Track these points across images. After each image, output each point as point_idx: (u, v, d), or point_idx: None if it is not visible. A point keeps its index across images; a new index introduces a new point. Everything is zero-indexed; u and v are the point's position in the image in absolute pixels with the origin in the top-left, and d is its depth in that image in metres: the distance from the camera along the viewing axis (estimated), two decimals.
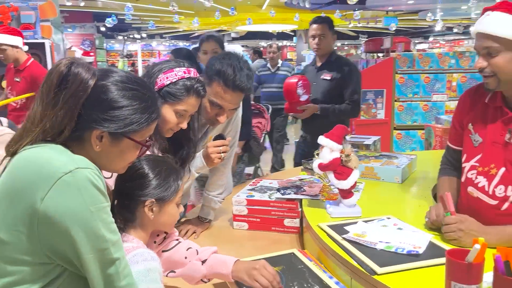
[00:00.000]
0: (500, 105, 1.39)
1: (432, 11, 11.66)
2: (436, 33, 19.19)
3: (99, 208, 0.88)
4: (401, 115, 5.17)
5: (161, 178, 1.17)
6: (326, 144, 1.51)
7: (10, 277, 0.86)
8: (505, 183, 1.34)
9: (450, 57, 5.17)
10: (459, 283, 0.93)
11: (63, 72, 0.91)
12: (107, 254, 0.88)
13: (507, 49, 1.27)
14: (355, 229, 1.39)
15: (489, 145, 1.40)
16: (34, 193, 0.83)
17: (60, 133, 0.91)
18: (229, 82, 1.55)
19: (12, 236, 0.85)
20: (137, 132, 0.99)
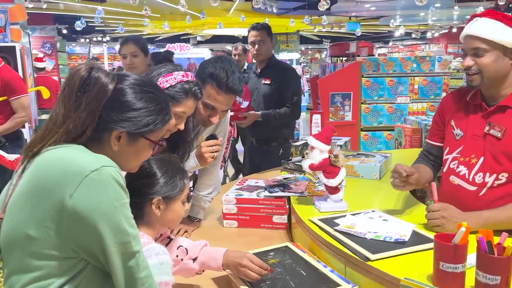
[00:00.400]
0: (480, 103, 1.56)
1: (393, 17, 12.17)
2: (395, 38, 19.97)
3: (122, 204, 0.93)
4: (368, 117, 5.39)
5: (168, 177, 1.23)
6: (316, 145, 1.61)
7: (37, 271, 0.90)
8: (483, 170, 1.50)
9: (412, 61, 5.44)
10: (446, 263, 1.05)
11: (84, 76, 0.96)
12: (128, 247, 0.94)
13: (492, 50, 1.44)
14: (344, 222, 1.50)
15: (469, 138, 1.56)
16: (62, 190, 0.87)
17: (82, 134, 0.96)
18: (222, 85, 1.62)
19: (41, 232, 0.88)
20: (153, 132, 1.05)
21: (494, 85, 1.49)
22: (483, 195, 1.49)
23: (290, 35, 15.95)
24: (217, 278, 1.47)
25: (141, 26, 14.02)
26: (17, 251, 0.90)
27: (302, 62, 16.46)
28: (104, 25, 14.21)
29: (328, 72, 6.80)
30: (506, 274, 0.98)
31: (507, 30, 1.43)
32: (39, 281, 0.90)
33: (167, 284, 1.13)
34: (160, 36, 19.18)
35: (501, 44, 1.43)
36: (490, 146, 1.49)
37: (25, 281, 0.90)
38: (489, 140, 1.50)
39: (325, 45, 20.74)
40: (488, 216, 1.38)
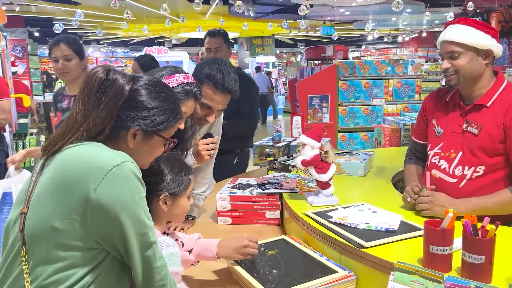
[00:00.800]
0: (458, 102, 1.70)
1: (365, 21, 12.50)
2: (368, 42, 20.46)
3: (141, 197, 0.99)
4: (345, 118, 5.55)
5: (174, 174, 1.30)
6: (308, 142, 1.70)
7: (62, 262, 0.95)
8: (462, 164, 1.63)
9: (386, 64, 5.64)
10: (435, 246, 1.15)
11: (102, 78, 1.02)
12: (146, 237, 1.00)
13: (466, 52, 1.59)
14: (337, 214, 1.59)
15: (449, 135, 1.69)
16: (86, 185, 0.93)
17: (101, 132, 1.01)
18: (219, 85, 1.70)
19: (66, 224, 0.94)
20: (166, 130, 1.11)
21: (470, 84, 1.63)
22: (462, 186, 1.62)
23: (266, 38, 16.14)
24: (218, 271, 1.54)
25: (115, 29, 13.90)
26: (43, 243, 0.95)
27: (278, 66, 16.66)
28: (77, 28, 13.98)
29: (306, 75, 6.95)
30: (489, 253, 1.09)
31: (478, 34, 1.58)
32: (63, 271, 0.95)
33: (177, 274, 1.20)
34: (134, 39, 19.01)
35: (473, 46, 1.58)
36: (468, 142, 1.62)
37: (50, 271, 0.95)
38: (467, 137, 1.63)
39: (299, 48, 21.04)
40: (476, 202, 1.51)
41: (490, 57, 1.59)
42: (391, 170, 2.27)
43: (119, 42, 20.14)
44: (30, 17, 11.68)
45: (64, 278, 0.95)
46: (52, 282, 0.95)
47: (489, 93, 1.61)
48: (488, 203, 1.50)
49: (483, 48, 1.57)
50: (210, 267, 1.54)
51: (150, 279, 1.02)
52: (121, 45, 21.15)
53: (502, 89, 1.60)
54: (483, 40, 1.57)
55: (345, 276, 1.32)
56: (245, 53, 16.49)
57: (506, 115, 1.54)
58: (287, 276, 1.33)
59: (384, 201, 1.78)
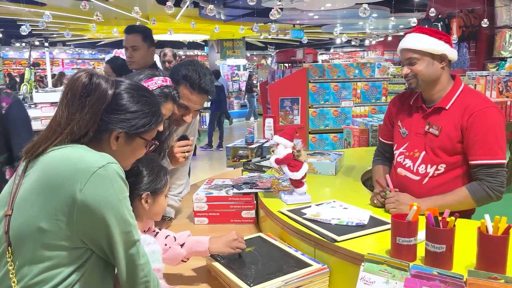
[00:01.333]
0: (421, 105, 1.81)
1: (333, 25, 12.77)
2: (336, 45, 20.86)
3: (125, 197, 1.03)
4: (315, 120, 5.68)
5: (154, 174, 1.34)
6: (281, 142, 1.78)
7: (48, 262, 0.97)
8: (425, 162, 1.75)
9: (354, 67, 5.82)
10: (402, 237, 1.25)
11: (85, 82, 1.05)
12: (130, 236, 1.04)
13: (422, 57, 1.71)
14: (310, 211, 1.67)
15: (413, 136, 1.81)
16: (72, 186, 0.96)
17: (85, 135, 1.05)
18: (195, 85, 1.74)
19: (52, 225, 0.96)
20: (148, 132, 1.16)
21: (429, 87, 1.75)
22: (425, 183, 1.74)
23: (236, 41, 16.20)
24: (196, 268, 1.59)
25: (83, 30, 13.61)
26: (29, 244, 0.97)
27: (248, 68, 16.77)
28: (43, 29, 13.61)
29: (277, 77, 7.06)
30: (449, 242, 1.19)
31: (431, 40, 1.70)
32: (49, 270, 0.98)
33: (159, 270, 1.24)
34: (102, 41, 18.64)
35: (428, 52, 1.70)
36: (429, 142, 1.74)
37: (36, 271, 0.97)
38: (429, 137, 1.75)
39: (270, 51, 21.21)
40: (436, 200, 1.63)
41: (446, 61, 1.72)
42: (361, 169, 2.37)
43: (86, 44, 19.70)
44: None
45: (50, 277, 0.97)
46: (38, 282, 0.97)
47: (447, 96, 1.73)
48: (448, 201, 1.61)
49: (438, 53, 1.70)
50: (188, 266, 1.58)
51: (134, 276, 1.06)
52: (89, 47, 20.69)
53: (459, 92, 1.73)
54: (437, 46, 1.69)
55: (319, 269, 1.39)
56: (216, 56, 16.49)
57: (463, 117, 1.66)
58: (265, 271, 1.39)
59: (354, 198, 1.88)
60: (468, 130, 1.64)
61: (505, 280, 1.05)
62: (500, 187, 1.60)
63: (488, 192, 1.60)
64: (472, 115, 1.64)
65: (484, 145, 1.60)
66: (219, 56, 16.13)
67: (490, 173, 1.60)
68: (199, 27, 12.19)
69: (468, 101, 1.67)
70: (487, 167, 1.61)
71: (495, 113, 1.64)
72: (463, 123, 1.65)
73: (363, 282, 1.22)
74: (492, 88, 5.70)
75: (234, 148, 3.19)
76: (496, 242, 1.13)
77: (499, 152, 1.60)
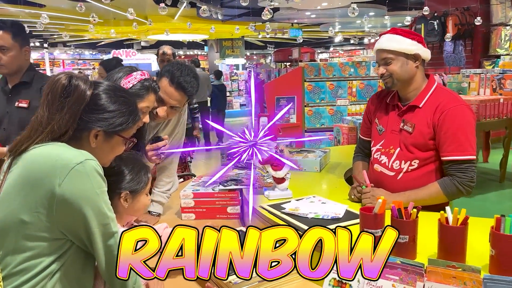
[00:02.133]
0: (396, 103, 1.88)
1: (332, 24, 12.82)
2: (335, 43, 20.91)
3: (103, 191, 1.10)
4: (311, 118, 5.75)
5: (134, 174, 1.40)
6: None
7: (30, 251, 1.04)
8: (400, 159, 1.81)
9: (349, 66, 5.88)
10: (369, 228, 1.31)
11: (65, 84, 1.12)
12: (108, 228, 1.11)
13: (397, 57, 1.77)
14: (290, 206, 1.74)
15: (389, 133, 1.88)
16: (52, 181, 1.03)
17: (64, 133, 1.11)
18: (174, 79, 1.80)
19: (33, 217, 1.03)
20: (125, 130, 1.22)
21: (404, 86, 1.82)
22: (400, 178, 1.80)
23: (235, 40, 16.28)
24: None
25: (82, 31, 13.70)
26: (12, 235, 1.04)
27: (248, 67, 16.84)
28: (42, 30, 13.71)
29: (273, 77, 7.13)
30: (412, 233, 1.26)
31: (405, 41, 1.77)
32: (31, 260, 1.05)
33: None
34: (102, 41, 18.75)
35: (402, 52, 1.77)
36: (404, 139, 1.81)
37: (19, 260, 1.04)
38: (403, 134, 1.81)
39: (269, 50, 21.27)
40: (409, 195, 1.69)
41: (419, 60, 1.78)
42: (345, 166, 2.44)
43: (86, 44, 19.82)
44: None
45: (32, 266, 1.04)
46: (21, 270, 1.04)
47: (421, 94, 1.80)
48: (420, 195, 1.68)
49: (411, 52, 1.76)
50: None
51: (113, 266, 1.13)
52: (89, 47, 20.80)
53: (432, 91, 1.79)
54: (410, 46, 1.76)
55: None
56: (215, 55, 16.57)
57: (435, 115, 1.73)
58: None
59: (335, 193, 1.94)
60: (439, 127, 1.70)
61: (462, 268, 1.11)
62: (470, 182, 1.66)
63: (458, 187, 1.66)
64: (443, 113, 1.70)
65: (454, 142, 1.67)
66: (218, 56, 16.20)
67: (460, 169, 1.67)
68: (198, 27, 12.28)
69: (440, 99, 1.74)
70: (457, 163, 1.67)
71: (465, 111, 1.70)
72: (435, 121, 1.72)
73: (332, 271, 1.29)
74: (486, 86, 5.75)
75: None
76: (454, 232, 1.20)
77: (468, 148, 1.67)
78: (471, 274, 1.08)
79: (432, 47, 7.94)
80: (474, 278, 1.07)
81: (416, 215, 1.26)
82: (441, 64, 8.02)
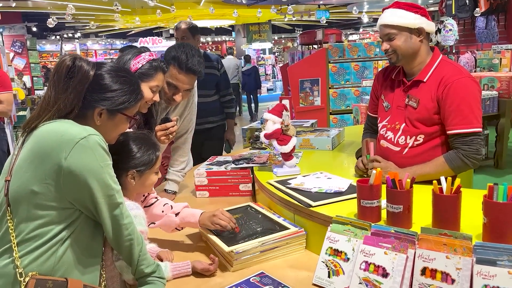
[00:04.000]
0: (402, 78, 1.87)
1: (359, 4, 12.51)
2: (365, 24, 20.38)
3: (106, 164, 1.18)
4: (336, 100, 5.69)
5: (141, 153, 1.46)
6: (269, 118, 1.88)
7: (41, 219, 1.14)
8: (405, 134, 1.81)
9: (375, 46, 5.75)
10: (365, 199, 1.34)
11: (69, 65, 1.19)
12: (113, 199, 1.18)
13: (400, 32, 1.75)
14: (295, 181, 1.78)
15: (395, 109, 1.87)
16: (58, 154, 1.11)
17: (70, 111, 1.20)
18: (183, 65, 1.86)
19: (43, 188, 1.12)
20: (128, 108, 1.29)
21: (409, 61, 1.79)
22: (405, 153, 1.80)
23: (262, 25, 16.18)
24: (190, 234, 1.74)
25: (112, 21, 14.00)
26: (24, 204, 1.14)
27: (276, 51, 16.72)
28: (74, 21, 14.11)
29: (297, 59, 7.08)
30: (407, 203, 1.28)
31: (408, 15, 1.74)
32: (42, 227, 1.14)
33: (142, 232, 1.38)
34: (132, 31, 19.10)
35: (405, 26, 1.74)
36: (409, 114, 1.80)
37: (31, 227, 1.14)
38: (409, 110, 1.80)
39: (297, 33, 21.02)
40: (416, 169, 1.69)
41: (423, 34, 1.75)
42: (358, 145, 2.44)
43: (117, 34, 20.25)
44: (27, 13, 11.81)
45: (44, 233, 1.14)
46: (33, 236, 1.14)
47: (426, 69, 1.78)
48: (427, 170, 1.68)
49: (415, 27, 1.73)
50: (184, 232, 1.73)
51: (119, 235, 1.21)
52: (120, 37, 21.25)
53: (436, 64, 1.77)
54: (414, 20, 1.73)
55: (295, 232, 1.51)
56: (243, 40, 16.56)
57: (439, 89, 1.71)
58: (245, 234, 1.52)
59: (343, 170, 1.97)
60: (443, 101, 1.68)
61: (454, 236, 1.13)
62: (476, 155, 1.65)
63: (464, 159, 1.65)
64: (446, 86, 1.68)
65: (459, 115, 1.65)
66: (245, 41, 16.18)
67: (465, 142, 1.65)
68: (224, 12, 12.29)
69: (444, 73, 1.72)
70: (462, 136, 1.66)
71: (469, 83, 1.68)
72: (439, 95, 1.70)
73: (329, 241, 1.33)
74: None
75: (250, 130, 3.28)
76: (447, 201, 1.21)
77: (473, 120, 1.64)
78: (462, 241, 1.10)
79: (463, 23, 7.65)
80: (465, 245, 1.09)
81: (410, 185, 1.28)
82: (473, 41, 7.71)
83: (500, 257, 1.03)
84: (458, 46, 7.97)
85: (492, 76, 4.54)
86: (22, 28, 11.72)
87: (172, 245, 1.66)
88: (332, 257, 1.29)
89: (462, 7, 7.19)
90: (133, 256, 1.23)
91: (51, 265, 1.14)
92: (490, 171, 4.35)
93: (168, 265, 1.39)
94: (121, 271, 1.30)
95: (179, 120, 2.05)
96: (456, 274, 1.07)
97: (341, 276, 1.26)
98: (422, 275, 1.11)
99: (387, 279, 1.16)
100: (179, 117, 2.08)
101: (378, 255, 1.19)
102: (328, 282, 1.27)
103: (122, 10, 10.78)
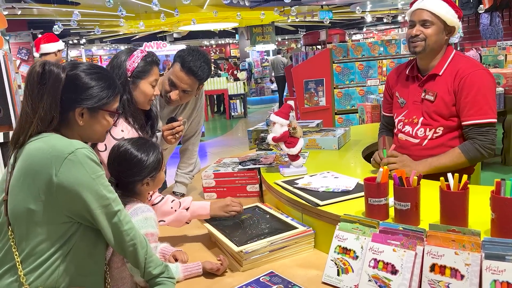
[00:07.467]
0: (416, 74, 1.89)
1: (362, 3, 12.49)
2: (368, 24, 20.35)
3: (98, 176, 1.17)
4: (341, 100, 5.69)
5: (151, 158, 1.46)
6: (276, 120, 1.89)
7: (41, 236, 1.14)
8: (424, 127, 1.83)
9: (379, 45, 5.75)
10: (373, 197, 1.35)
11: (39, 72, 1.18)
12: (109, 208, 1.18)
13: (437, 23, 1.75)
14: (302, 181, 1.79)
15: (411, 104, 1.89)
16: (49, 171, 1.11)
17: (52, 119, 1.18)
18: (185, 64, 1.87)
19: (38, 205, 1.13)
20: (108, 104, 1.28)
21: (429, 55, 1.81)
22: (425, 145, 1.83)
23: (266, 26, 16.19)
24: (198, 235, 1.76)
25: (116, 26, 14.09)
26: (23, 222, 1.14)
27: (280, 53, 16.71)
28: (79, 28, 14.22)
29: (301, 60, 7.09)
30: (414, 200, 1.28)
31: (450, 10, 1.75)
32: (43, 243, 1.15)
33: (153, 235, 1.40)
34: (136, 35, 19.20)
35: (443, 20, 1.74)
36: (426, 108, 1.82)
37: (32, 245, 1.14)
38: (426, 104, 1.83)
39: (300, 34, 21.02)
40: (431, 161, 1.71)
41: (451, 34, 1.78)
42: (365, 144, 2.45)
43: (122, 39, 20.36)
44: (33, 20, 11.92)
45: (45, 249, 1.15)
46: (35, 253, 1.14)
47: (440, 62, 1.80)
48: (443, 162, 1.70)
49: (451, 24, 1.75)
50: (191, 232, 1.75)
51: (122, 241, 1.21)
52: (124, 42, 21.36)
53: (451, 58, 1.80)
54: (453, 17, 1.75)
55: (303, 231, 1.52)
56: (246, 43, 16.59)
57: (455, 81, 1.74)
58: (254, 234, 1.53)
59: (349, 170, 1.97)
60: (459, 93, 1.71)
61: (462, 232, 1.13)
62: (491, 145, 1.67)
63: (480, 150, 1.67)
64: (462, 78, 1.71)
65: (474, 106, 1.68)
66: (249, 43, 16.21)
67: (480, 132, 1.68)
68: (227, 15, 12.32)
69: (459, 66, 1.75)
70: (477, 127, 1.68)
71: (483, 75, 1.70)
72: (455, 87, 1.73)
73: (337, 239, 1.34)
74: None
75: (255, 131, 3.29)
76: (454, 197, 1.21)
77: (489, 111, 1.67)
78: (471, 237, 1.10)
79: (467, 20, 7.61)
80: (473, 240, 1.09)
81: (417, 183, 1.28)
82: (478, 38, 7.68)
83: (508, 252, 1.03)
84: (463, 44, 7.95)
85: (497, 72, 4.52)
86: (28, 36, 11.84)
87: (180, 246, 1.67)
88: (341, 255, 1.30)
89: (466, 4, 7.16)
90: (139, 260, 1.24)
91: (54, 278, 1.16)
92: (497, 168, 4.33)
93: (179, 266, 1.41)
94: (132, 273, 1.32)
95: (186, 123, 2.07)
96: (465, 270, 1.07)
97: (350, 274, 1.26)
98: (431, 272, 1.12)
99: (396, 276, 1.16)
100: (186, 120, 2.10)
101: (387, 253, 1.20)
102: (337, 280, 1.28)
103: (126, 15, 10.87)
